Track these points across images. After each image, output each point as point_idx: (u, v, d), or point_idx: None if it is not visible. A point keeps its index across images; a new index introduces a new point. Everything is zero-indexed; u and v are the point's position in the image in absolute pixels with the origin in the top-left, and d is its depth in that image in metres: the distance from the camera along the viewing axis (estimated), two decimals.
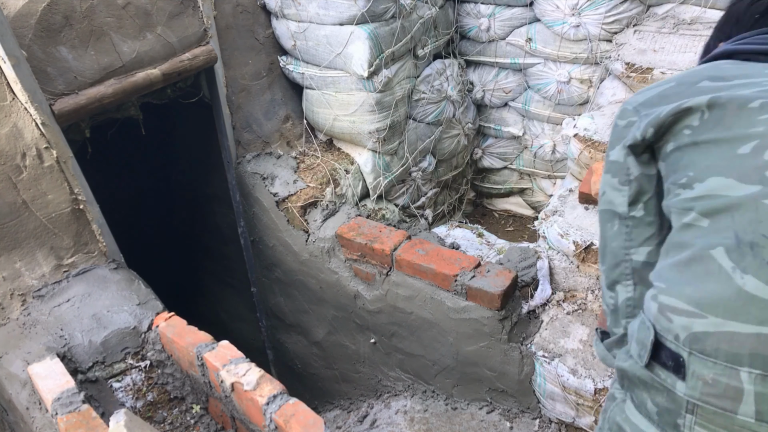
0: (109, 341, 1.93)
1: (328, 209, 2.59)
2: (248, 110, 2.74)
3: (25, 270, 2.05)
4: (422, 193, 3.28)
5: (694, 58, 2.40)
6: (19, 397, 1.76)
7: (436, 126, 3.09)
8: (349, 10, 2.45)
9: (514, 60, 3.13)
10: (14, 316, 1.99)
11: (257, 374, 1.61)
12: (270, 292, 3.02)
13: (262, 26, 2.72)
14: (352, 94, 2.67)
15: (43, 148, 1.99)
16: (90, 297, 2.05)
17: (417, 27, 2.70)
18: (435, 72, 2.97)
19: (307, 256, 2.59)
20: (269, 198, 2.64)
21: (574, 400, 1.95)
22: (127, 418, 1.46)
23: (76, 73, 2.03)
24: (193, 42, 2.37)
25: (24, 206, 2.00)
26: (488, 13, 3.06)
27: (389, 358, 2.51)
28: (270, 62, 2.79)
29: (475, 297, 2.04)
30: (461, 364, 2.20)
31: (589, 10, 2.72)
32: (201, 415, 1.90)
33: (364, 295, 2.42)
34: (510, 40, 3.08)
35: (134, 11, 2.14)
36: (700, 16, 2.61)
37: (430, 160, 3.18)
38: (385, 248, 2.26)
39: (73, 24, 1.99)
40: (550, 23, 2.87)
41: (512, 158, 3.56)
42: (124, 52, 2.14)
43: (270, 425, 1.53)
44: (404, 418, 2.30)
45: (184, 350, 1.79)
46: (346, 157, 2.87)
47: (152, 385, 1.92)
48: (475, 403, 2.23)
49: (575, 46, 2.87)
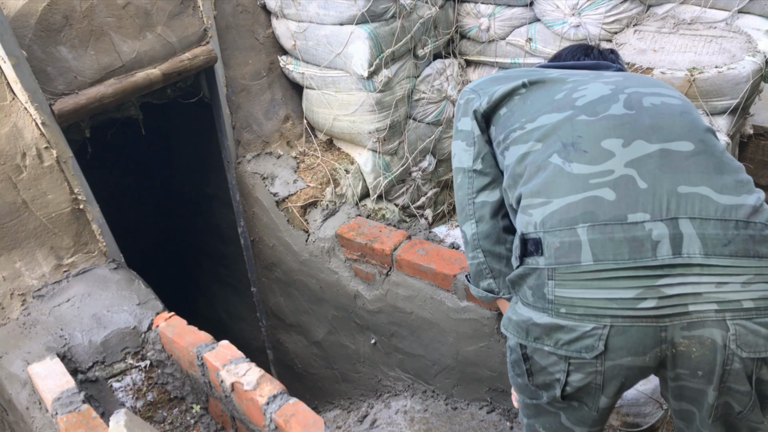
0: (109, 341, 1.92)
1: (328, 209, 2.59)
2: (248, 110, 2.74)
3: (25, 270, 2.05)
4: (422, 193, 3.28)
5: (695, 58, 2.40)
6: (19, 397, 1.76)
7: (436, 126, 3.09)
8: (349, 9, 2.45)
9: (514, 60, 3.12)
10: (14, 316, 1.99)
11: (257, 374, 1.61)
12: (270, 292, 3.02)
13: (262, 26, 2.72)
14: (352, 93, 2.67)
15: (43, 148, 1.99)
16: (90, 297, 2.05)
17: (417, 27, 2.70)
18: (435, 72, 2.97)
19: (307, 256, 2.59)
20: (269, 198, 2.64)
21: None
22: (127, 418, 1.46)
23: (76, 73, 2.03)
24: (193, 42, 2.37)
25: (24, 206, 2.00)
26: (488, 13, 3.06)
27: (389, 358, 2.51)
28: (270, 62, 2.79)
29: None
30: (461, 364, 2.20)
31: (589, 10, 2.72)
32: (201, 415, 1.90)
33: (364, 295, 2.42)
34: (510, 40, 3.08)
35: (134, 11, 2.14)
36: (700, 16, 2.62)
37: (430, 160, 3.18)
38: (385, 248, 2.26)
39: (73, 24, 1.99)
40: (550, 23, 2.87)
41: None
42: (124, 52, 2.14)
43: (270, 425, 1.53)
44: (404, 418, 2.30)
45: (184, 350, 1.79)
46: (346, 157, 2.87)
47: (152, 385, 1.92)
48: (475, 403, 2.23)
49: None
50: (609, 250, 1.11)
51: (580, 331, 1.14)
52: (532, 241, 1.20)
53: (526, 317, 1.22)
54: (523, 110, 1.37)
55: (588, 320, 1.13)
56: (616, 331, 1.11)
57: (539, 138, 1.29)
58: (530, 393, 1.33)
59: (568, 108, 1.29)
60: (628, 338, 1.12)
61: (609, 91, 1.30)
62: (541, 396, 1.30)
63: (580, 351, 1.15)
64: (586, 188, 1.16)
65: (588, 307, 1.12)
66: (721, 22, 2.59)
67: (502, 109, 1.42)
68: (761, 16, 2.55)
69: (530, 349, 1.25)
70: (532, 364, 1.27)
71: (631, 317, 1.10)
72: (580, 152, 1.21)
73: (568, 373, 1.20)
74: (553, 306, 1.16)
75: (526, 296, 1.23)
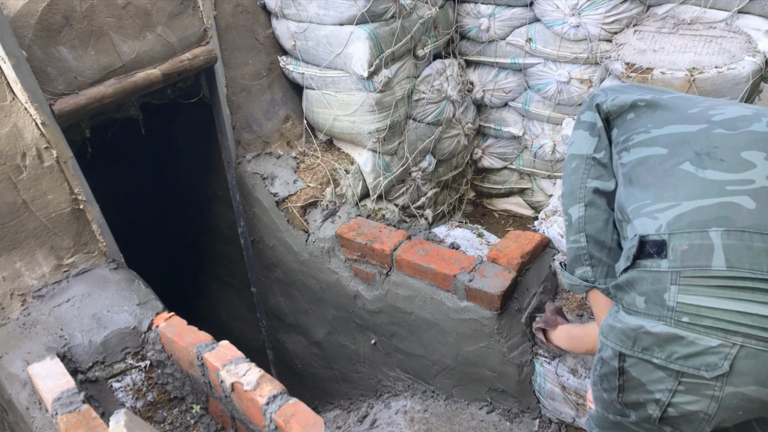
0: (109, 341, 1.93)
1: (328, 209, 2.59)
2: (248, 110, 2.74)
3: (25, 270, 2.05)
4: (422, 193, 3.28)
5: (695, 58, 2.40)
6: (19, 397, 1.76)
7: (436, 126, 3.09)
8: (349, 10, 2.45)
9: (514, 60, 3.13)
10: (14, 316, 1.99)
11: (257, 374, 1.61)
12: (270, 292, 3.02)
13: (262, 26, 2.72)
14: (352, 94, 2.67)
15: (43, 148, 1.99)
16: (90, 297, 2.05)
17: (417, 27, 2.70)
18: (435, 72, 2.97)
19: (307, 256, 2.59)
20: (269, 198, 2.64)
21: (574, 400, 1.95)
22: (127, 418, 1.46)
23: (76, 73, 2.03)
24: (193, 42, 2.37)
25: (24, 206, 2.00)
26: (488, 13, 3.06)
27: (389, 358, 2.51)
28: (270, 62, 2.79)
29: (475, 297, 2.04)
30: (461, 364, 2.20)
31: (589, 10, 2.72)
32: (201, 415, 1.90)
33: (364, 295, 2.42)
34: (510, 40, 3.08)
35: (134, 11, 2.14)
36: (700, 16, 2.62)
37: (430, 160, 3.18)
38: (385, 248, 2.26)
39: (73, 24, 1.99)
40: (550, 23, 2.87)
41: (512, 158, 3.56)
42: (124, 52, 2.14)
43: (270, 425, 1.53)
44: (404, 418, 2.30)
45: (184, 350, 1.79)
46: (346, 157, 2.87)
47: (152, 385, 1.92)
48: (475, 403, 2.23)
49: (575, 46, 2.87)
50: (746, 259, 1.01)
51: (702, 345, 1.02)
52: (653, 243, 1.09)
53: (636, 325, 1.10)
54: (651, 117, 1.31)
55: (715, 334, 1.01)
56: (747, 354, 0.99)
57: (666, 144, 1.21)
58: (615, 410, 1.24)
59: (703, 122, 1.21)
60: (759, 364, 0.99)
61: (750, 112, 1.22)
62: (629, 415, 1.19)
63: (699, 368, 1.03)
64: (722, 194, 1.07)
65: (717, 319, 1.01)
66: (721, 22, 2.59)
67: (629, 114, 1.36)
68: (761, 16, 2.55)
69: (631, 361, 1.13)
70: (626, 380, 1.15)
71: (766, 340, 0.98)
72: (716, 160, 1.12)
73: (674, 394, 1.08)
74: (673, 314, 1.04)
75: (635, 304, 1.12)
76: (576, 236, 1.43)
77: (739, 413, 1.05)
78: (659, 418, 1.12)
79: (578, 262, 1.44)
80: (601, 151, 1.41)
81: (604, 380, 1.21)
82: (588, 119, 1.45)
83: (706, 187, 1.09)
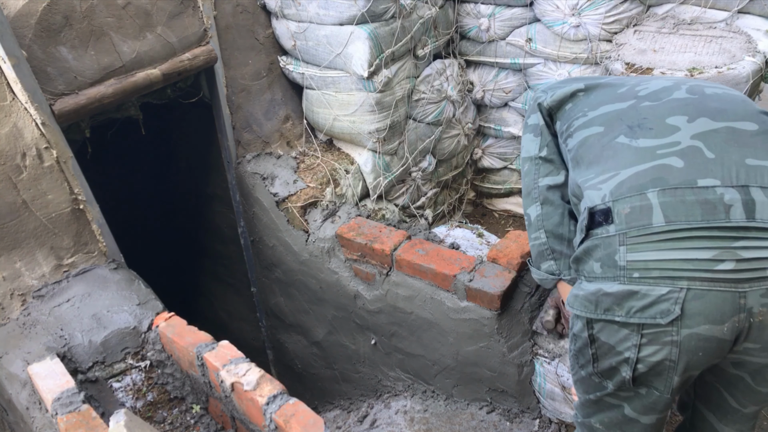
0: (109, 341, 1.93)
1: (328, 209, 2.59)
2: (248, 110, 2.74)
3: (25, 270, 2.05)
4: (422, 193, 3.28)
5: (695, 58, 2.40)
6: (19, 397, 1.76)
7: (436, 126, 3.09)
8: (349, 10, 2.45)
9: (514, 60, 3.13)
10: (14, 316, 1.99)
11: (257, 374, 1.61)
12: (270, 292, 3.02)
13: (262, 26, 2.72)
14: (352, 94, 2.67)
15: (43, 148, 1.99)
16: (90, 297, 2.05)
17: (417, 27, 2.70)
18: (435, 72, 2.97)
19: (307, 256, 2.59)
20: (269, 198, 2.64)
21: (574, 400, 1.95)
22: (127, 418, 1.46)
23: (76, 73, 2.03)
24: (193, 42, 2.37)
25: (24, 206, 2.00)
26: (488, 13, 3.06)
27: (389, 358, 2.51)
28: (270, 62, 2.79)
29: (475, 297, 2.04)
30: (461, 364, 2.20)
31: (589, 10, 2.72)
32: (201, 415, 1.90)
33: (364, 295, 2.42)
34: (510, 40, 3.08)
35: (134, 11, 2.14)
36: (700, 16, 2.62)
37: (430, 160, 3.18)
38: (385, 248, 2.26)
39: (73, 24, 1.99)
40: (550, 23, 2.87)
41: (512, 158, 3.56)
42: (124, 52, 2.14)
43: (270, 425, 1.53)
44: (404, 418, 2.30)
45: (184, 350, 1.79)
46: (346, 157, 2.87)
47: (152, 385, 1.92)
48: (475, 403, 2.23)
49: (575, 46, 2.87)
50: (681, 212, 1.11)
51: (654, 295, 1.12)
52: (600, 212, 1.21)
53: (595, 289, 1.20)
54: (586, 101, 1.44)
55: (663, 283, 1.11)
56: (694, 295, 1.09)
57: (602, 123, 1.34)
58: (593, 386, 1.31)
59: (631, 98, 1.35)
60: (706, 303, 1.09)
61: (671, 83, 1.36)
62: (606, 386, 1.27)
63: (654, 316, 1.12)
64: (654, 158, 1.19)
65: (663, 269, 1.11)
66: (721, 23, 2.59)
67: (568, 104, 1.49)
68: (761, 16, 2.55)
69: (598, 327, 1.22)
70: (598, 347, 1.24)
71: (709, 280, 1.08)
72: (646, 129, 1.25)
73: (640, 348, 1.16)
74: (625, 272, 1.14)
75: (593, 271, 1.22)
76: (537, 233, 1.55)
77: (700, 354, 1.14)
78: (632, 379, 1.21)
79: (542, 258, 1.56)
80: (544, 148, 1.54)
81: (580, 356, 1.30)
82: (533, 122, 1.57)
83: (640, 154, 1.21)
